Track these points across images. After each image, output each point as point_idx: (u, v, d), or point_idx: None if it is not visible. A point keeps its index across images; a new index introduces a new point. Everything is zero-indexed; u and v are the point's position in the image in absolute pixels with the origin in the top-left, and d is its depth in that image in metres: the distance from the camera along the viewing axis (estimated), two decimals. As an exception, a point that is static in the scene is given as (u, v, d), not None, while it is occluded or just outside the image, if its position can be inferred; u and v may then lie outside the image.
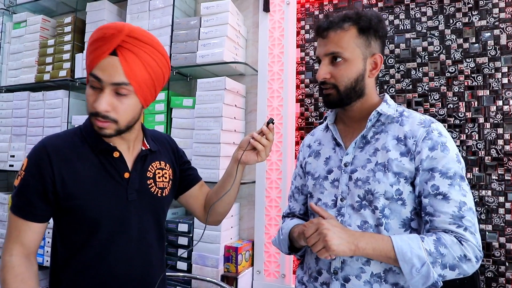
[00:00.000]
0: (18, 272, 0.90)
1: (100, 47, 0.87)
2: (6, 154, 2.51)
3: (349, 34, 0.98)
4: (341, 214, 0.99)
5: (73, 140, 0.99)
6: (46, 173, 0.92)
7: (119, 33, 0.87)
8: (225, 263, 1.83)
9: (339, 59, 0.99)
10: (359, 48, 0.99)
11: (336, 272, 0.97)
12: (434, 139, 0.94)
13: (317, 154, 1.12)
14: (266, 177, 1.91)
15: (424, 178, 0.93)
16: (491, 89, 1.59)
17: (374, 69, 1.02)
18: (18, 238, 0.93)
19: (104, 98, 0.88)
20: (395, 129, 0.99)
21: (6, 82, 2.62)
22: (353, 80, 1.00)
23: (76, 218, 0.94)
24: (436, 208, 0.90)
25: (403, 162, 0.94)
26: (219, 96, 1.83)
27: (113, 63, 0.87)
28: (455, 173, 0.91)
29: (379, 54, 1.02)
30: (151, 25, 2.09)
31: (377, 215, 0.95)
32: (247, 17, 2.12)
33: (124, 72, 0.88)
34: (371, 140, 1.01)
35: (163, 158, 1.11)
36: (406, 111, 1.03)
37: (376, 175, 0.95)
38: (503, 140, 1.56)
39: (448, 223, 0.88)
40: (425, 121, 0.98)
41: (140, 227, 1.01)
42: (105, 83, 0.88)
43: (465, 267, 0.86)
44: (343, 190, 1.01)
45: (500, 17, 1.59)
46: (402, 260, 0.86)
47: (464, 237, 0.87)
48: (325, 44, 1.01)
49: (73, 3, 2.53)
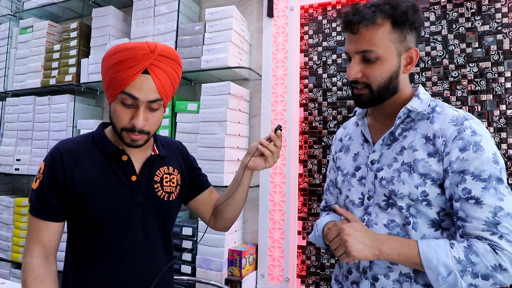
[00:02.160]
0: (37, 273, 0.93)
1: (132, 67, 0.91)
2: (12, 158, 2.53)
3: (383, 30, 0.90)
4: (368, 213, 0.98)
5: (85, 144, 1.03)
6: (59, 174, 0.97)
7: (152, 54, 0.92)
8: (229, 267, 1.83)
9: (372, 57, 0.91)
10: (393, 44, 0.91)
11: (365, 271, 0.96)
12: (466, 139, 0.86)
13: (347, 149, 1.10)
14: (270, 181, 1.92)
15: (455, 180, 0.87)
16: (494, 93, 1.59)
17: (410, 64, 0.95)
18: (38, 239, 0.97)
19: (141, 115, 0.94)
20: (424, 126, 0.93)
21: (12, 87, 2.65)
22: (387, 79, 0.93)
23: (83, 217, 0.98)
24: (468, 213, 0.84)
25: (430, 163, 0.89)
26: (224, 101, 1.85)
27: (147, 82, 0.93)
28: (490, 176, 0.84)
29: (414, 48, 0.94)
30: (156, 31, 2.11)
31: (404, 214, 0.91)
32: (251, 22, 2.14)
33: (157, 89, 0.94)
34: (399, 138, 0.96)
35: (172, 163, 1.13)
36: (439, 106, 0.96)
37: (401, 176, 0.91)
38: (506, 144, 1.56)
39: (481, 229, 0.83)
40: (458, 118, 0.90)
41: (145, 230, 1.03)
42: (141, 101, 0.93)
43: (501, 277, 0.80)
44: (369, 188, 0.99)
45: (503, 22, 1.60)
46: (428, 268, 0.83)
47: (499, 246, 0.80)
48: (356, 40, 0.93)
49: (79, 9, 2.56)
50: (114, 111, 0.96)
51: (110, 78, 0.94)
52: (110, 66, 0.93)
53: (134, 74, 0.91)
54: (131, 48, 0.92)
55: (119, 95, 0.93)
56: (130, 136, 0.97)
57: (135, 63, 0.91)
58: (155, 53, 0.92)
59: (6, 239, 2.48)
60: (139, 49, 0.92)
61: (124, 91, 0.92)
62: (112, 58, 0.93)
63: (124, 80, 0.91)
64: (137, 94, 0.92)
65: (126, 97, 0.93)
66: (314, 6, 1.95)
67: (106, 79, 0.95)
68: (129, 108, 0.95)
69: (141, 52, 0.91)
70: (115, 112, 0.96)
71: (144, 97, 0.93)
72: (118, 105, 0.95)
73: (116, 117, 0.96)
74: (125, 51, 0.92)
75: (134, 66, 0.91)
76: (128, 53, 0.91)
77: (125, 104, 0.94)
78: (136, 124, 0.94)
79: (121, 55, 0.92)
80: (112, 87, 0.94)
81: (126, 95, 0.92)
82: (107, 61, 0.95)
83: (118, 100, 0.94)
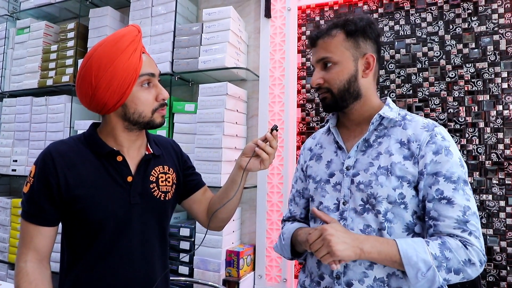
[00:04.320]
0: (32, 278, 0.92)
1: (135, 50, 0.95)
2: (9, 159, 2.52)
3: (337, 39, 1.01)
4: (343, 218, 0.99)
5: (77, 145, 1.01)
6: (52, 177, 0.94)
7: (139, 33, 0.98)
8: (227, 268, 1.83)
9: (329, 63, 1.01)
10: (348, 50, 1.01)
11: (339, 276, 0.96)
12: (438, 143, 0.94)
13: (319, 157, 1.12)
14: (267, 182, 1.92)
15: (428, 182, 0.93)
16: (491, 94, 1.60)
17: (368, 68, 1.02)
18: (31, 244, 0.95)
19: (161, 87, 1.01)
20: (397, 132, 0.99)
21: (9, 88, 2.63)
22: (345, 82, 1.01)
23: (79, 221, 0.96)
24: (440, 212, 0.90)
25: (406, 166, 0.94)
26: (221, 101, 1.85)
27: (147, 58, 1.00)
28: (458, 178, 0.91)
29: (371, 53, 1.02)
30: (153, 31, 2.11)
31: (380, 219, 0.94)
32: (248, 23, 2.13)
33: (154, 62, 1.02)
34: (374, 144, 1.01)
35: (167, 162, 1.12)
36: (408, 115, 1.04)
37: (379, 179, 0.95)
38: (503, 144, 1.56)
39: (453, 227, 0.88)
40: (428, 125, 0.98)
41: (143, 230, 1.02)
42: (155, 76, 1.00)
43: (470, 271, 0.86)
44: (345, 193, 1.00)
45: (499, 22, 1.60)
46: (408, 264, 0.86)
47: (469, 242, 0.87)
48: (316, 51, 1.05)
49: (76, 9, 2.55)
50: (138, 98, 0.97)
51: (119, 71, 0.92)
52: (112, 62, 0.92)
53: (139, 55, 0.96)
54: (126, 34, 0.95)
55: (138, 80, 0.96)
56: (161, 113, 1.02)
57: (136, 46, 0.95)
58: (140, 32, 0.99)
59: (3, 240, 2.47)
60: (131, 32, 0.96)
61: (142, 73, 0.96)
62: (110, 53, 0.93)
63: (136, 64, 0.94)
64: (152, 70, 0.98)
65: (145, 78, 0.97)
66: (312, 6, 1.95)
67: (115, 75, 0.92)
68: (149, 88, 0.99)
69: (134, 34, 0.96)
70: (139, 99, 0.97)
71: (156, 71, 1.00)
72: (140, 91, 0.97)
73: (142, 103, 0.98)
74: (122, 38, 0.94)
75: (136, 48, 0.95)
76: (126, 39, 0.94)
77: (144, 86, 0.98)
78: (165, 95, 1.00)
79: (121, 44, 0.94)
80: (127, 77, 0.93)
81: (146, 76, 0.97)
82: (105, 60, 0.92)
83: (137, 86, 0.96)
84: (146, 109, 0.98)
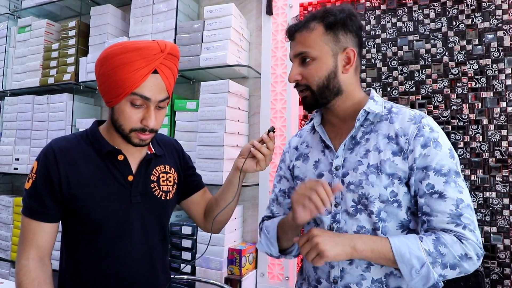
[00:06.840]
0: (34, 276, 0.91)
1: (143, 67, 0.89)
2: (10, 157, 2.52)
3: (315, 33, 0.95)
4: (336, 221, 0.96)
5: (79, 142, 1.00)
6: (54, 173, 0.94)
7: (162, 53, 0.91)
8: (229, 266, 1.83)
9: (307, 59, 0.96)
10: (327, 45, 0.95)
11: (336, 281, 0.94)
12: (426, 135, 0.90)
13: (306, 157, 1.07)
14: (269, 180, 1.91)
15: (419, 177, 0.90)
16: (494, 90, 1.59)
17: (348, 64, 0.97)
18: (33, 241, 0.94)
19: (153, 115, 0.94)
20: (385, 127, 0.96)
21: (11, 86, 2.64)
22: (324, 79, 0.96)
23: (80, 219, 0.96)
24: (433, 207, 0.88)
25: (396, 162, 0.91)
26: (223, 99, 1.84)
27: (157, 81, 0.92)
28: (449, 170, 0.88)
29: (351, 48, 0.97)
30: (155, 29, 2.10)
31: (373, 219, 0.91)
32: (250, 20, 2.13)
33: (166, 88, 0.94)
34: (361, 141, 0.97)
35: (168, 162, 1.12)
36: (394, 107, 0.99)
37: (369, 178, 0.92)
38: (507, 141, 1.55)
39: (446, 222, 0.86)
40: (415, 117, 0.94)
41: (144, 230, 1.02)
42: (152, 101, 0.92)
43: (466, 265, 0.84)
44: (336, 195, 0.97)
45: (503, 18, 1.59)
46: (401, 262, 0.84)
47: (464, 236, 0.84)
48: (294, 46, 1.00)
49: (77, 8, 2.55)
50: (122, 112, 0.93)
51: (116, 78, 0.89)
52: (116, 66, 0.89)
53: (145, 74, 0.89)
54: (142, 48, 0.89)
55: (129, 96, 0.91)
56: (139, 136, 0.95)
57: (146, 64, 0.89)
58: (164, 53, 0.91)
59: (5, 238, 2.48)
60: (150, 49, 0.89)
61: (135, 92, 0.90)
62: (119, 57, 0.89)
63: (135, 81, 0.89)
64: (148, 95, 0.91)
65: (137, 98, 0.91)
66: (313, 3, 1.94)
67: (111, 79, 0.91)
68: (139, 108, 0.93)
69: (152, 52, 0.89)
70: (123, 113, 0.93)
71: (155, 97, 0.92)
72: (127, 106, 0.92)
73: (124, 118, 0.93)
74: (135, 51, 0.89)
75: (145, 66, 0.89)
76: (138, 54, 0.88)
77: (134, 104, 0.92)
78: (149, 124, 0.93)
79: (130, 55, 0.88)
80: (120, 88, 0.90)
81: (137, 96, 0.90)
82: (111, 61, 0.90)
83: (127, 101, 0.92)
84: (125, 124, 0.94)
